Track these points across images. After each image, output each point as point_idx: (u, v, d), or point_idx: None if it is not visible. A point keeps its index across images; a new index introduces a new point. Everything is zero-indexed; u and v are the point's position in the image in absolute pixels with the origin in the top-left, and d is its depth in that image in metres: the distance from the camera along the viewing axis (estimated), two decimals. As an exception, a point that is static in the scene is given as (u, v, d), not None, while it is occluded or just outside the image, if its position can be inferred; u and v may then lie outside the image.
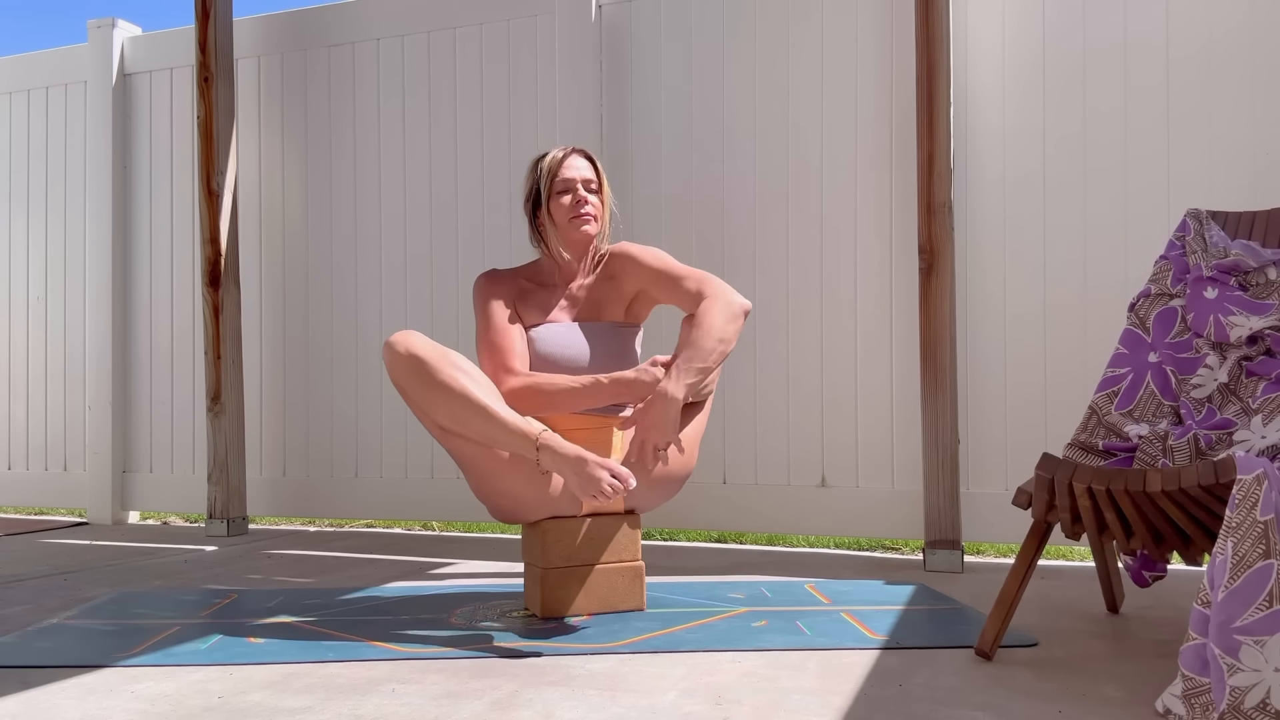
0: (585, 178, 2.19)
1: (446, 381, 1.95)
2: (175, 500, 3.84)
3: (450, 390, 1.95)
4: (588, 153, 2.25)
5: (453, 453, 2.06)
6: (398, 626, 2.03)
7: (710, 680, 1.63)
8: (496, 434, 1.95)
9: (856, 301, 2.99)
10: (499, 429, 1.95)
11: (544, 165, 2.20)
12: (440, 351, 1.99)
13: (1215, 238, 2.09)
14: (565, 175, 2.18)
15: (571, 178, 2.18)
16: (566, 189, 2.17)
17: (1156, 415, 1.96)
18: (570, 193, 2.17)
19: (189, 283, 3.82)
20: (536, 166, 2.22)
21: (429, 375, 1.95)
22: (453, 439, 2.02)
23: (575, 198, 2.17)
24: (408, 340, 1.99)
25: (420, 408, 2.00)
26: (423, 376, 1.96)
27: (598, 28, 3.26)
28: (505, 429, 1.95)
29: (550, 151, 2.23)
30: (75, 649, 1.87)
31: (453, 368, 1.97)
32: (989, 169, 2.85)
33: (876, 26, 2.97)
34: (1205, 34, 2.67)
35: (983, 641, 1.74)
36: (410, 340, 1.99)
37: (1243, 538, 1.38)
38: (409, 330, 2.03)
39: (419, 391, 1.97)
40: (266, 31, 3.74)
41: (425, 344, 1.99)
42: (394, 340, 2.00)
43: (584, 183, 2.19)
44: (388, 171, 3.58)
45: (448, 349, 2.01)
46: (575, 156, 2.21)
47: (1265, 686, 1.33)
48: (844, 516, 2.99)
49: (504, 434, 1.95)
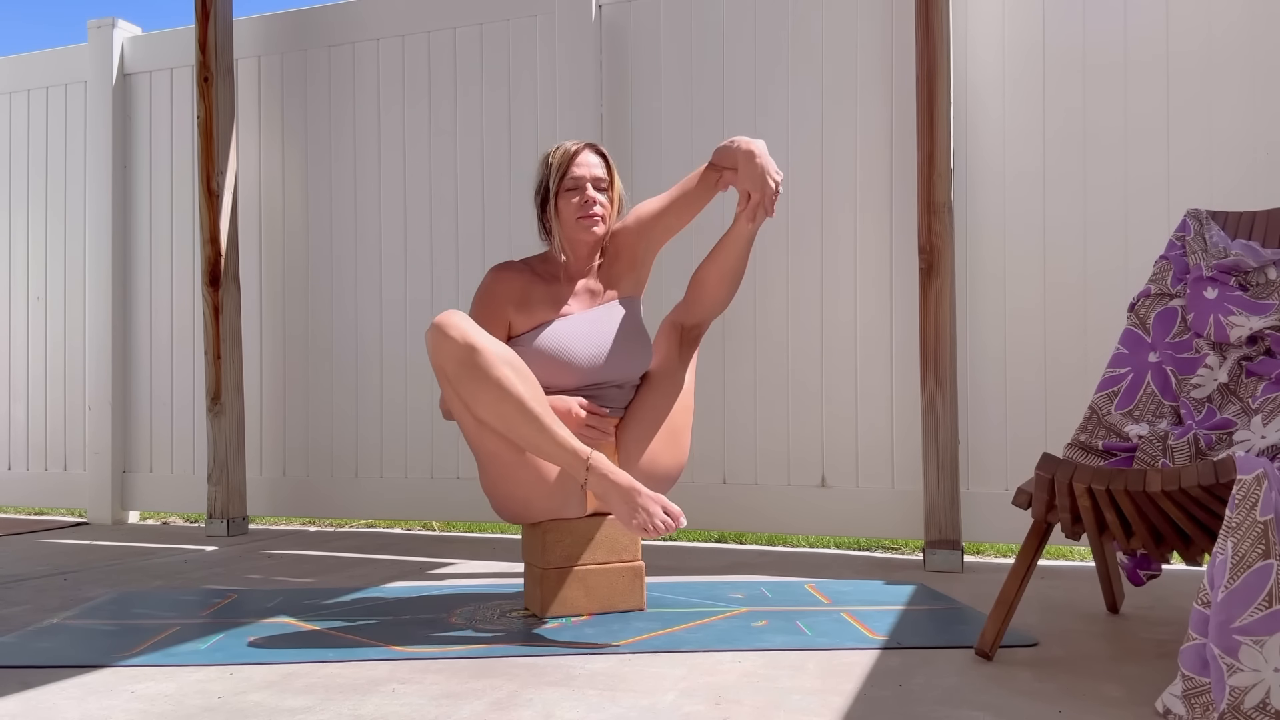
0: (595, 176, 2.15)
1: (500, 379, 1.89)
2: (175, 500, 3.84)
3: (503, 390, 1.89)
4: (600, 148, 2.21)
5: (477, 445, 2.02)
6: (397, 626, 2.03)
7: (710, 680, 1.63)
8: (543, 445, 1.91)
9: (856, 301, 2.99)
10: (548, 441, 1.91)
11: (554, 159, 2.16)
12: (494, 344, 1.92)
13: (1215, 238, 2.09)
14: (575, 173, 2.14)
15: (581, 175, 2.14)
16: (575, 187, 2.14)
17: (1156, 415, 1.96)
18: (579, 191, 2.14)
19: (189, 283, 3.82)
20: (548, 159, 2.18)
21: (483, 370, 1.88)
22: (485, 434, 1.98)
23: (584, 197, 2.13)
24: (462, 326, 1.90)
25: (463, 398, 1.93)
26: (474, 369, 1.89)
27: (598, 28, 3.26)
28: (555, 443, 1.90)
29: (562, 144, 2.19)
30: (75, 649, 1.87)
31: (506, 365, 1.91)
32: (989, 168, 2.85)
33: (876, 26, 2.97)
34: (1205, 33, 2.67)
35: (983, 641, 1.74)
36: (463, 325, 1.90)
37: (1243, 538, 1.38)
38: (457, 312, 1.94)
39: (467, 383, 1.90)
40: (266, 31, 3.74)
41: (479, 332, 1.91)
42: (446, 323, 1.90)
43: (594, 181, 2.15)
44: (388, 171, 3.58)
45: (498, 340, 1.95)
46: (587, 152, 2.17)
47: (1265, 686, 1.33)
48: (844, 516, 2.99)
49: (553, 448, 1.91)
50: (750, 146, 2.12)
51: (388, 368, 3.55)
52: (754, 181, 2.10)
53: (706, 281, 2.24)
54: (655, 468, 2.17)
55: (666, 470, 2.19)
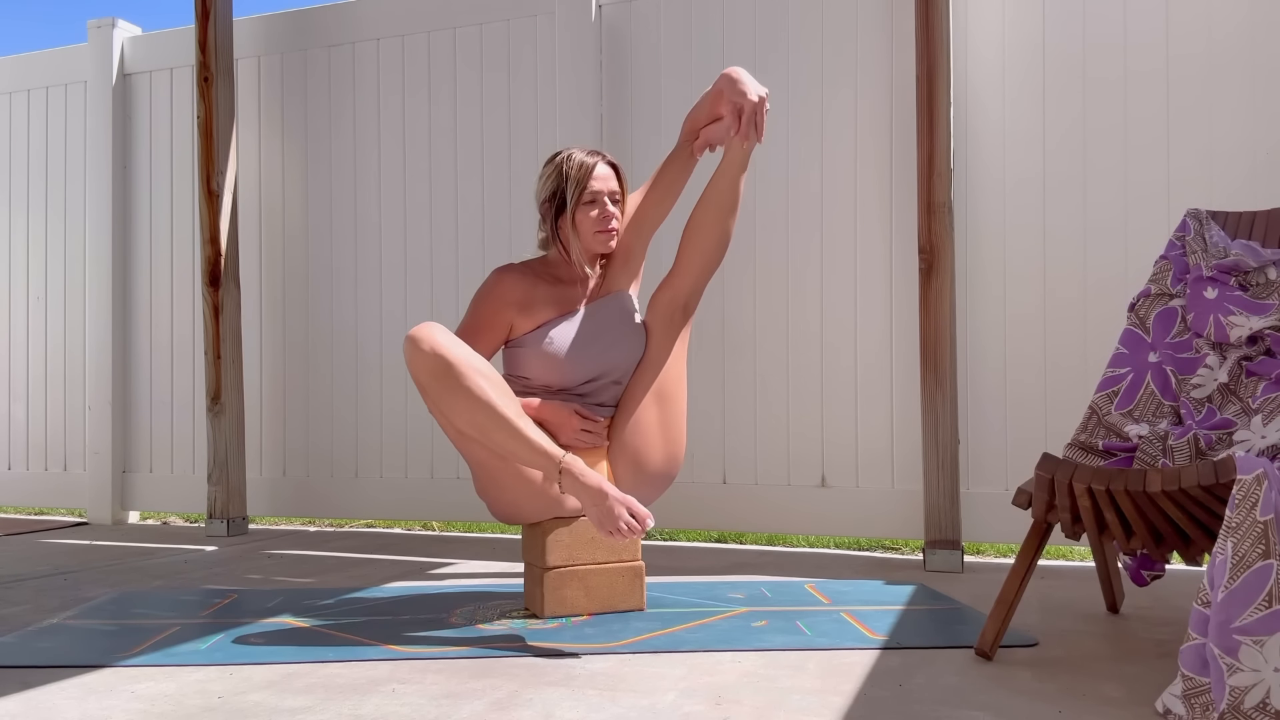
0: (612, 190, 2.16)
1: (471, 389, 1.90)
2: (175, 500, 3.83)
3: (475, 398, 1.90)
4: (613, 161, 2.20)
5: (462, 451, 2.05)
6: (398, 626, 2.03)
7: (710, 680, 1.63)
8: (518, 449, 1.93)
9: (856, 301, 2.99)
10: (522, 445, 1.93)
11: (571, 170, 2.14)
12: (466, 355, 1.93)
13: (1215, 237, 2.09)
14: (594, 187, 2.13)
15: (599, 190, 2.14)
16: (594, 200, 2.14)
17: (1156, 415, 1.96)
18: (598, 205, 2.14)
19: (189, 283, 3.81)
20: (560, 168, 2.16)
21: (454, 379, 1.90)
22: (469, 443, 2.00)
23: (603, 212, 2.14)
24: (433, 337, 1.91)
25: (440, 410, 1.96)
26: (447, 380, 1.90)
27: (598, 28, 3.26)
28: (529, 446, 1.93)
29: (575, 153, 2.17)
30: (75, 649, 1.87)
31: (478, 374, 1.92)
32: (989, 169, 2.85)
33: (876, 27, 2.97)
34: (1205, 33, 2.67)
35: (983, 641, 1.74)
36: (435, 337, 1.91)
37: (1243, 538, 1.38)
38: (432, 324, 1.94)
39: (441, 394, 1.92)
40: (266, 31, 3.74)
41: (451, 343, 1.92)
42: (418, 336, 1.91)
43: (610, 195, 2.16)
44: (387, 171, 3.58)
45: (472, 350, 1.96)
46: (603, 166, 2.16)
47: (1265, 686, 1.33)
48: (844, 516, 2.98)
49: (527, 451, 1.93)
50: (726, 73, 2.14)
51: (388, 368, 3.55)
52: (739, 96, 2.10)
53: (701, 225, 2.20)
54: (650, 466, 2.17)
55: (662, 468, 2.18)
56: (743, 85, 2.10)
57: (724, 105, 2.15)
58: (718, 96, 2.17)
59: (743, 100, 2.10)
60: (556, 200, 2.17)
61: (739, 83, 2.10)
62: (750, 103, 2.09)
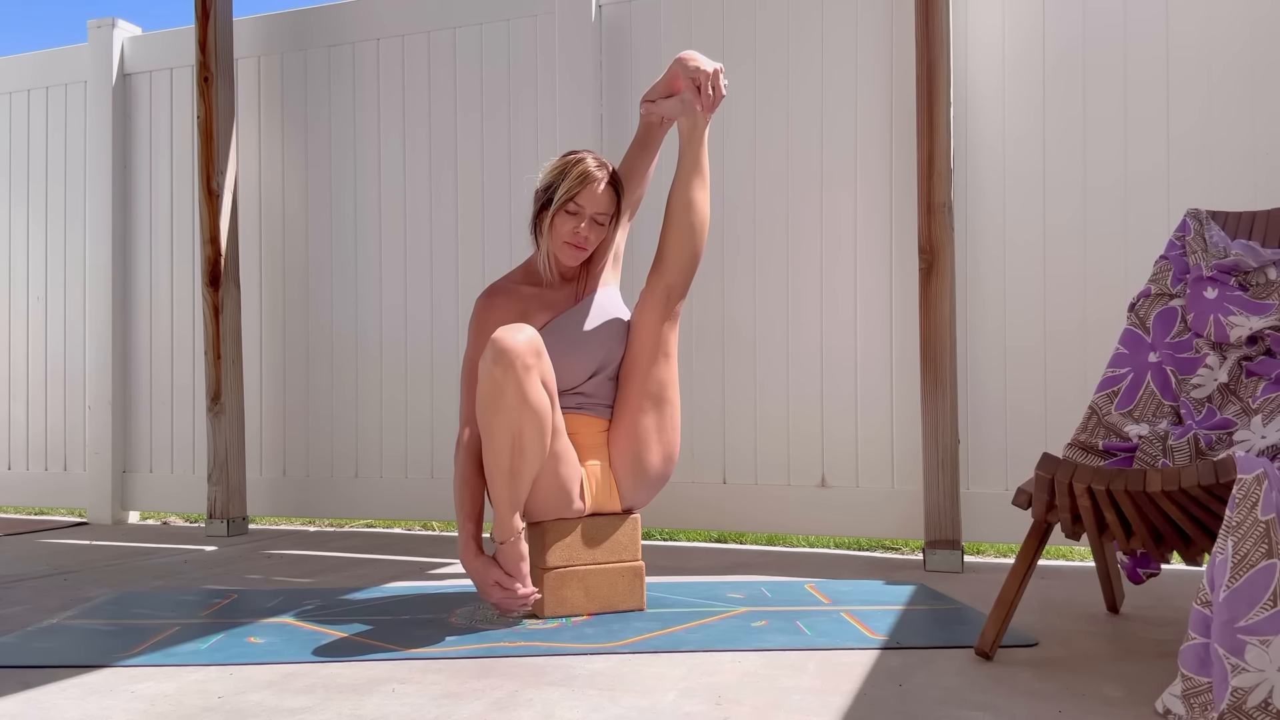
0: (599, 211, 2.15)
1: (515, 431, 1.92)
2: (175, 500, 3.83)
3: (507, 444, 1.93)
4: (617, 180, 2.20)
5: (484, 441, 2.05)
6: (398, 626, 2.03)
7: (710, 680, 1.63)
8: (492, 499, 2.00)
9: (856, 301, 2.99)
10: (496, 501, 1.99)
11: (571, 173, 2.14)
12: (539, 409, 1.94)
13: (1215, 238, 2.09)
14: (582, 200, 2.13)
15: (585, 205, 2.13)
16: (577, 212, 2.14)
17: (1156, 415, 1.96)
18: (579, 218, 2.14)
19: (189, 283, 3.81)
20: (565, 167, 2.16)
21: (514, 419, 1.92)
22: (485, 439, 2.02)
23: (578, 228, 2.14)
24: (526, 375, 1.91)
25: (480, 417, 1.97)
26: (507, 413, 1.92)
27: (598, 28, 3.26)
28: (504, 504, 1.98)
29: (585, 160, 2.16)
30: (75, 649, 1.87)
31: (534, 428, 1.94)
32: (989, 169, 2.85)
33: (876, 27, 2.97)
34: (1205, 33, 2.67)
35: (983, 641, 1.74)
36: (527, 377, 1.92)
37: (1243, 537, 1.38)
38: (532, 348, 1.94)
39: (491, 414, 1.93)
40: (266, 31, 3.74)
41: (537, 392, 1.94)
42: (513, 352, 1.91)
43: (595, 215, 2.15)
44: (388, 171, 3.57)
45: (548, 400, 1.97)
46: (605, 186, 2.15)
47: (1268, 686, 1.33)
48: (844, 516, 2.98)
49: (501, 509, 1.99)
50: (679, 56, 2.18)
51: (388, 368, 3.55)
52: (694, 71, 2.14)
53: (675, 203, 2.18)
54: (649, 469, 2.17)
55: (660, 469, 2.18)
56: (696, 61, 2.15)
57: (681, 81, 2.18)
58: (674, 78, 2.20)
59: (697, 73, 2.14)
60: (547, 195, 2.18)
61: (694, 59, 2.16)
62: (706, 72, 2.13)
